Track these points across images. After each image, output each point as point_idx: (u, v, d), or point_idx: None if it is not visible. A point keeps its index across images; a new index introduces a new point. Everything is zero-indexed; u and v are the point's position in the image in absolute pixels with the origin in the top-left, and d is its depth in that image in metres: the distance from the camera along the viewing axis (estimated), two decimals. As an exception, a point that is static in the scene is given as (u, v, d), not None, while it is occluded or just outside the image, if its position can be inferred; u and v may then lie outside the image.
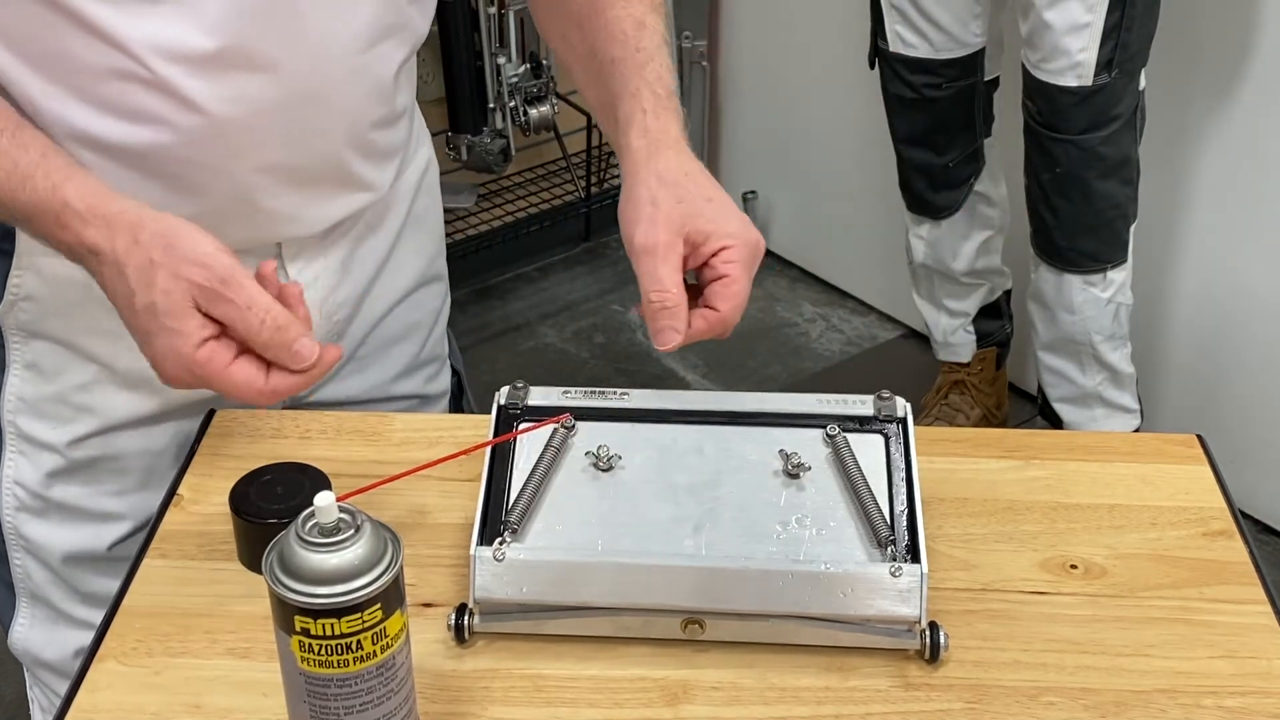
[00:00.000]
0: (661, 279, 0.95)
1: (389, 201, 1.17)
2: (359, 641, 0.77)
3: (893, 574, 0.89)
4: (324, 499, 0.77)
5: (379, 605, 0.77)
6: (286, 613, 0.77)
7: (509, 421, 1.00)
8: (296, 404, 1.18)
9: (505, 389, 1.02)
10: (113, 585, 1.02)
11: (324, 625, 0.76)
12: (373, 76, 1.06)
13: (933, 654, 0.90)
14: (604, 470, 0.96)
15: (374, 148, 1.10)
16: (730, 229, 0.97)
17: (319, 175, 1.06)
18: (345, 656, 0.78)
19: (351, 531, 0.77)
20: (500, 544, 0.91)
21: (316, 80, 1.01)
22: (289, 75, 0.99)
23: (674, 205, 0.96)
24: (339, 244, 1.13)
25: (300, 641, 0.77)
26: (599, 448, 0.97)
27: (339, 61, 1.02)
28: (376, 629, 0.78)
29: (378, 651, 0.78)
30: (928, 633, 0.90)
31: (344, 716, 0.80)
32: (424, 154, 1.23)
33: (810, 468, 0.97)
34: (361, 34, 1.03)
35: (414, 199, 1.21)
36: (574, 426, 0.98)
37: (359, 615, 0.77)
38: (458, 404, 1.35)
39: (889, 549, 0.91)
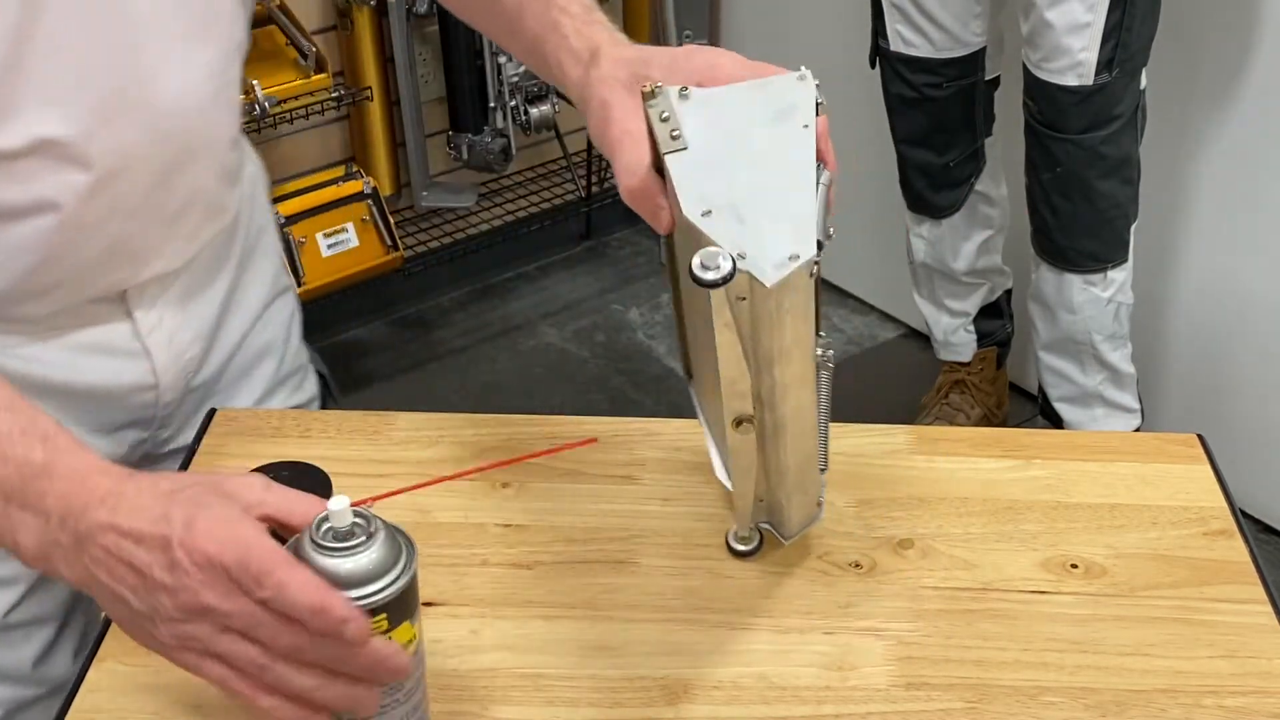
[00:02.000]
0: (630, 164, 0.88)
1: (233, 226, 1.13)
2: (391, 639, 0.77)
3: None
4: (338, 503, 0.76)
5: (384, 615, 0.76)
6: None
7: None
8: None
9: None
10: (15, 656, 1.00)
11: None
12: (227, 96, 1.03)
13: None
14: None
15: (227, 168, 1.08)
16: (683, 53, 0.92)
17: (188, 209, 1.03)
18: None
19: (364, 538, 0.76)
20: None
21: (187, 118, 0.98)
22: (162, 115, 0.96)
23: (625, 96, 0.90)
24: (180, 279, 1.08)
25: None
26: None
27: (205, 88, 0.99)
28: (386, 622, 0.76)
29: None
30: None
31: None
32: (250, 168, 1.19)
33: None
34: (217, 58, 1.00)
35: (251, 216, 1.17)
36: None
37: (381, 622, 0.76)
38: (324, 407, 1.29)
39: None
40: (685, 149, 0.83)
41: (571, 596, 0.98)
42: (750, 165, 0.83)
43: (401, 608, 0.77)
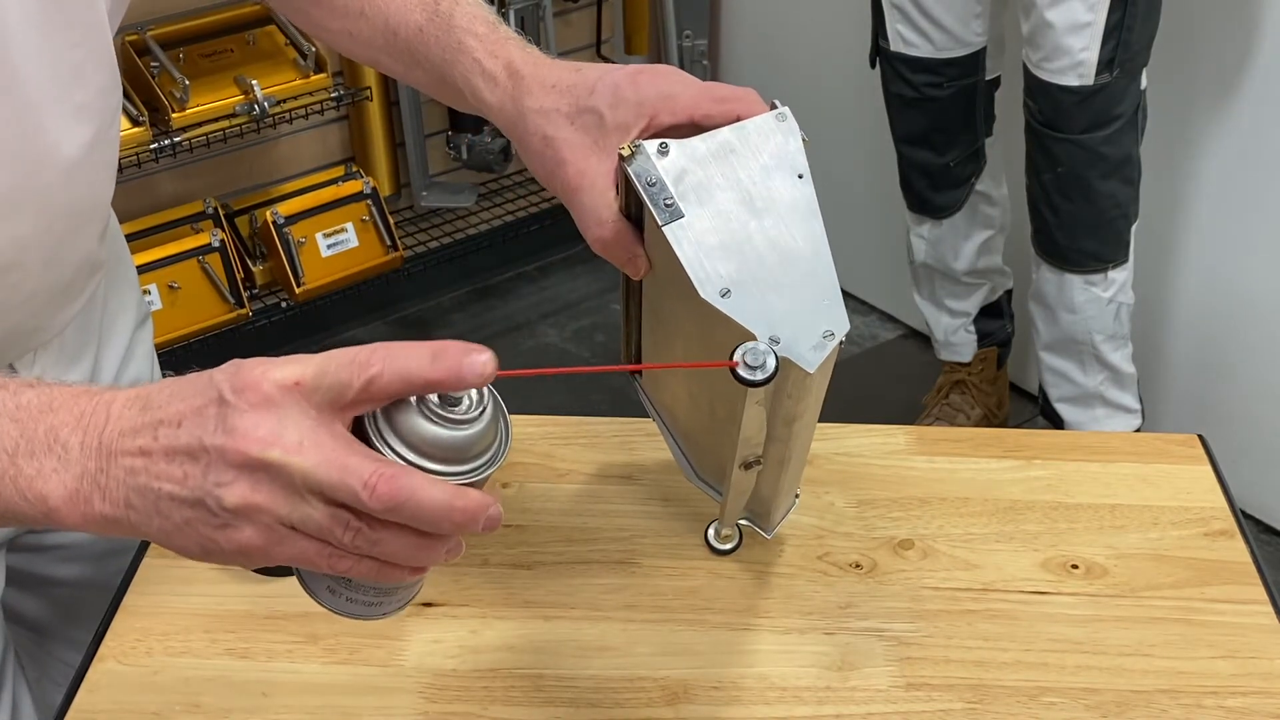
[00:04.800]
0: (598, 211, 0.84)
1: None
2: None
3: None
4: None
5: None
6: None
7: None
8: None
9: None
10: None
11: None
12: (111, 157, 0.96)
13: None
14: None
15: (105, 223, 1.00)
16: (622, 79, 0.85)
17: (76, 276, 0.97)
18: None
19: (478, 408, 0.67)
20: None
21: (77, 191, 0.92)
22: (56, 196, 0.89)
23: (572, 131, 0.85)
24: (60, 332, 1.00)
25: None
26: None
27: (95, 158, 0.92)
28: None
29: None
30: None
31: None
32: None
33: None
34: (105, 125, 0.93)
35: (107, 250, 1.05)
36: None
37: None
38: None
39: None
40: (683, 218, 0.79)
41: (571, 596, 0.98)
42: (757, 232, 0.80)
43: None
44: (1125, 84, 2.02)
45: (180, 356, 2.44)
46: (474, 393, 0.67)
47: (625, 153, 0.80)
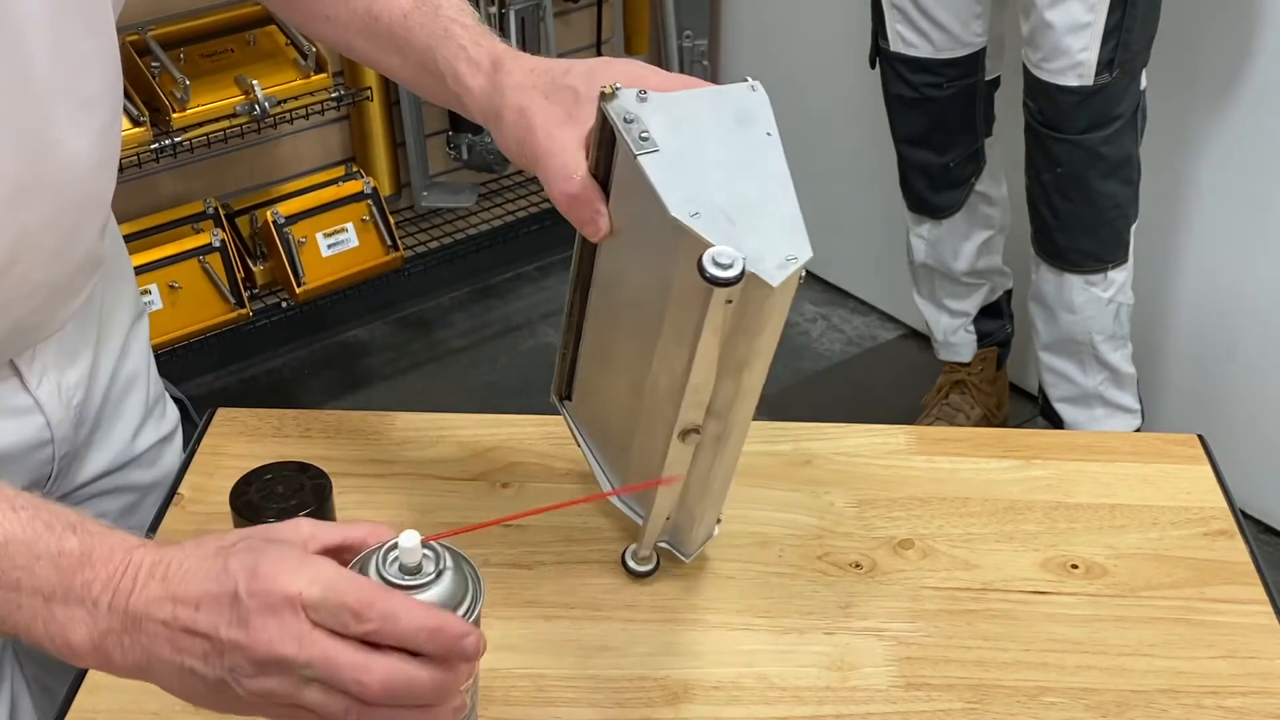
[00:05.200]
0: (566, 169, 0.87)
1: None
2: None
3: None
4: (409, 539, 0.73)
5: None
6: None
7: None
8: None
9: None
10: None
11: None
12: (113, 151, 0.97)
13: None
14: None
15: (107, 218, 1.02)
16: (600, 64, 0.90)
17: (79, 271, 0.98)
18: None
19: (434, 571, 0.74)
20: None
21: (84, 186, 0.94)
22: (63, 189, 0.91)
23: (546, 104, 0.88)
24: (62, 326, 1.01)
25: None
26: None
27: (100, 152, 0.94)
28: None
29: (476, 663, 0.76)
30: None
31: None
32: None
33: None
34: (109, 118, 0.95)
35: (103, 246, 1.06)
36: None
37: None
38: (186, 434, 1.20)
39: None
40: (658, 151, 0.82)
41: (571, 596, 0.98)
42: (726, 170, 0.83)
43: None
44: (1125, 84, 2.02)
45: (181, 356, 2.44)
46: (432, 553, 0.74)
47: (607, 91, 0.84)
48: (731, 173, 0.83)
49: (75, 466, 1.06)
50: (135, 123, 2.32)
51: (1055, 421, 2.32)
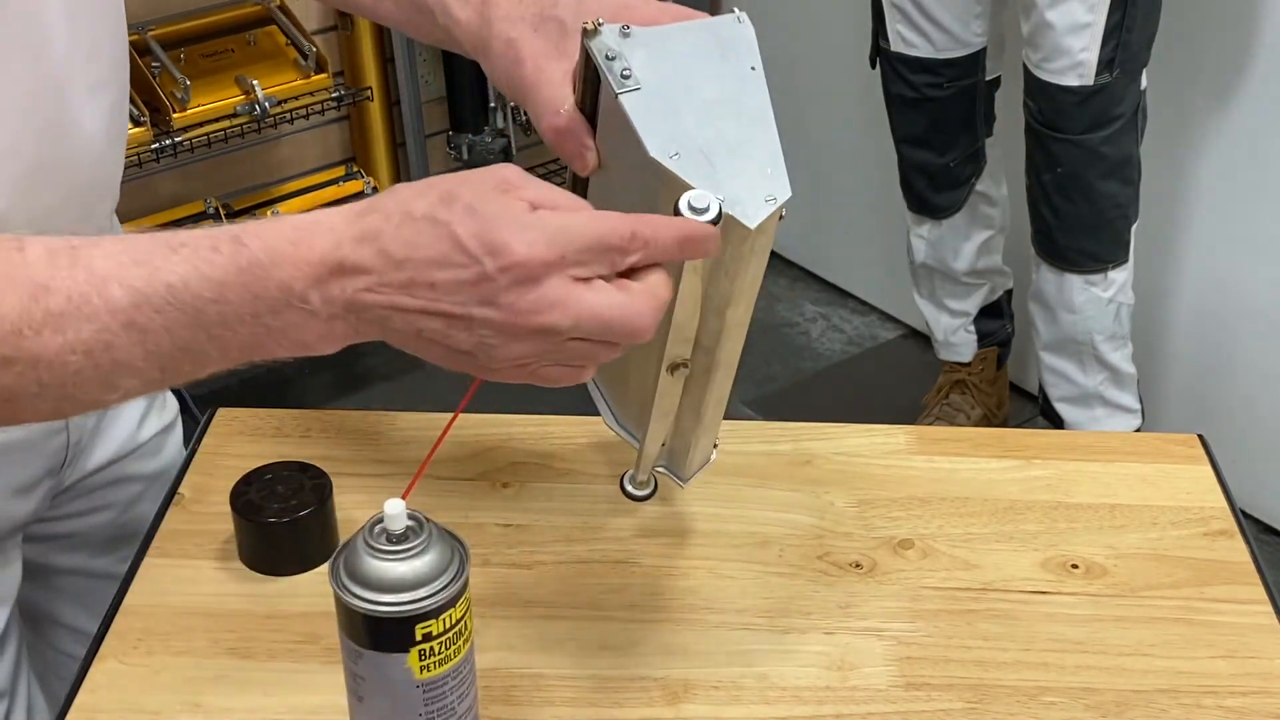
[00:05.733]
0: (553, 102, 0.86)
1: None
2: (466, 622, 0.78)
3: None
4: (394, 506, 0.76)
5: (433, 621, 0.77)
6: (405, 627, 0.76)
7: None
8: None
9: None
10: None
11: (445, 619, 0.76)
12: (122, 131, 0.99)
13: None
14: None
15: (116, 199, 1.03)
16: None
17: None
18: (459, 644, 0.78)
19: (425, 535, 0.77)
20: None
21: (97, 167, 0.95)
22: (78, 169, 0.92)
23: (534, 36, 0.88)
24: None
25: (421, 651, 0.77)
26: None
27: (111, 132, 0.95)
28: (469, 603, 0.79)
29: (469, 623, 0.79)
30: None
31: (458, 706, 0.80)
32: None
33: None
34: (118, 99, 0.96)
35: (114, 229, 1.08)
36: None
37: (465, 596, 0.78)
38: (192, 421, 1.20)
39: None
40: (639, 89, 0.82)
41: (571, 596, 0.98)
42: (708, 107, 0.83)
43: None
44: (1125, 84, 2.02)
45: (181, 356, 2.44)
46: (415, 521, 0.77)
47: (589, 27, 0.83)
48: (713, 110, 0.83)
49: (84, 456, 1.07)
50: (136, 123, 2.32)
51: (1055, 421, 2.32)
